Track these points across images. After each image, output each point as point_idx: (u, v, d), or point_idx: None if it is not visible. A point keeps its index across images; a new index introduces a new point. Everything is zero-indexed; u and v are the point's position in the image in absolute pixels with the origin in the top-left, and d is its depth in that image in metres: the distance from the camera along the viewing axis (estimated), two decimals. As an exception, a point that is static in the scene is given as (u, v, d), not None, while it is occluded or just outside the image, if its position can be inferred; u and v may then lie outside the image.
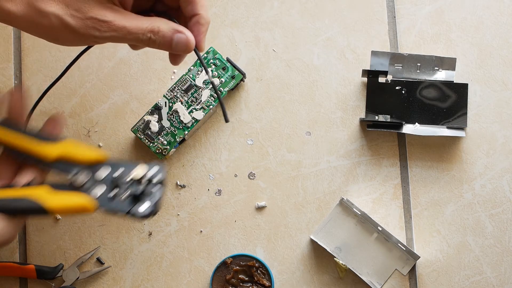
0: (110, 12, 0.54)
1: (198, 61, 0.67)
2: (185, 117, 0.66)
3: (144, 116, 0.67)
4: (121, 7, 0.55)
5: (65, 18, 0.53)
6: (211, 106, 0.67)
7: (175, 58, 0.59)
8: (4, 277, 0.67)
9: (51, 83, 0.63)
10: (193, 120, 0.66)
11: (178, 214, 0.67)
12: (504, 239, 0.66)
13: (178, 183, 0.68)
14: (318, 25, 0.70)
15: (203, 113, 0.67)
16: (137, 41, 0.55)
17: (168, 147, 0.66)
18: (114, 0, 0.54)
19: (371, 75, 0.68)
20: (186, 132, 0.66)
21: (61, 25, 0.53)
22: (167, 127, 0.66)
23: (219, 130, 0.69)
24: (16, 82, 0.70)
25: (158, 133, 0.66)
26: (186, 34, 0.55)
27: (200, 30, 0.57)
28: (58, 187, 0.55)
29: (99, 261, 0.67)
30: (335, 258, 0.65)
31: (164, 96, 0.67)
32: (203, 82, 0.67)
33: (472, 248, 0.66)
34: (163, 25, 0.55)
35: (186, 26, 0.56)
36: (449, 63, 0.67)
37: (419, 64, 0.68)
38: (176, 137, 0.66)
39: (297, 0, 0.71)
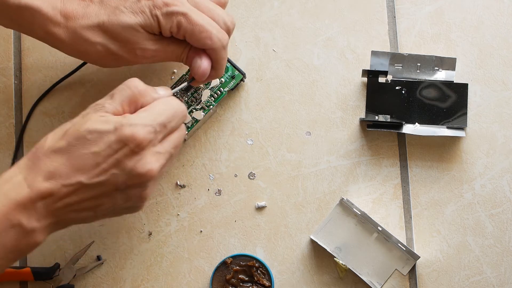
0: (152, 43, 0.58)
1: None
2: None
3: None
4: (159, 35, 0.58)
5: (110, 48, 0.57)
6: (211, 106, 0.67)
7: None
8: (3, 282, 0.67)
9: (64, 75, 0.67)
10: (193, 120, 0.66)
11: (178, 214, 0.67)
12: (504, 239, 0.66)
13: (178, 183, 0.68)
14: (318, 25, 0.70)
15: (203, 113, 0.67)
16: (176, 60, 0.60)
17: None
18: (154, 30, 0.57)
19: (371, 75, 0.68)
20: (186, 132, 0.66)
21: (107, 53, 0.57)
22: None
23: (219, 130, 0.69)
24: (16, 82, 0.70)
25: (158, 133, 0.66)
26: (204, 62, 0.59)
27: (215, 63, 0.60)
28: None
29: (99, 258, 0.67)
30: (335, 258, 0.65)
31: (164, 96, 0.67)
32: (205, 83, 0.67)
33: (472, 248, 0.66)
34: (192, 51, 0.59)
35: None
36: (449, 63, 0.67)
37: (419, 64, 0.68)
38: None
39: (297, 0, 0.71)
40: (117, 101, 0.52)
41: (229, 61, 0.67)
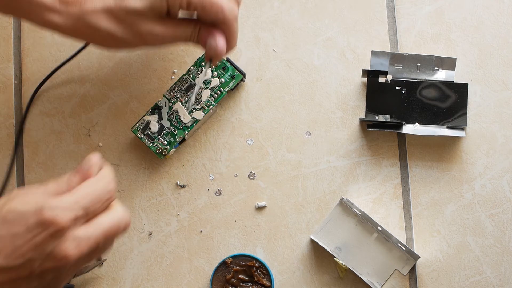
0: (160, 25, 0.57)
1: (198, 61, 0.68)
2: (185, 117, 0.66)
3: (144, 116, 0.67)
4: (168, 15, 0.57)
5: (116, 32, 0.55)
6: (211, 106, 0.67)
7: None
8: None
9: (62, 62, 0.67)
10: (193, 120, 0.66)
11: (178, 214, 0.67)
12: (504, 239, 0.66)
13: (178, 183, 0.68)
14: (318, 25, 0.70)
15: (203, 113, 0.67)
16: (185, 41, 0.59)
17: (168, 147, 0.66)
18: (162, 11, 0.56)
19: (371, 75, 0.68)
20: (186, 132, 0.66)
21: (112, 38, 0.56)
22: (167, 127, 0.66)
23: (219, 130, 0.69)
24: (16, 82, 0.70)
25: (158, 133, 0.66)
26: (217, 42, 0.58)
27: (228, 32, 0.59)
28: None
29: (98, 258, 0.67)
30: (335, 258, 0.65)
31: (164, 96, 0.67)
32: (203, 82, 0.67)
33: (472, 248, 0.66)
34: (200, 31, 0.58)
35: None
36: (449, 63, 0.67)
37: (419, 64, 0.68)
38: (176, 137, 0.66)
39: (297, 0, 0.71)
40: (50, 190, 0.49)
41: (229, 61, 0.67)
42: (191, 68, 0.67)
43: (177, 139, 0.66)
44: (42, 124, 0.69)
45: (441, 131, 0.66)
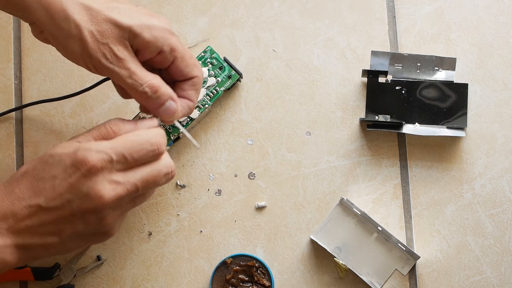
0: (126, 52, 0.55)
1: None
2: None
3: (139, 113, 0.67)
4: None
5: (84, 31, 0.54)
6: (206, 105, 0.67)
7: (126, 94, 0.59)
8: (3, 282, 0.67)
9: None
10: (188, 119, 0.66)
11: (178, 214, 0.67)
12: (504, 239, 0.66)
13: (178, 183, 0.68)
14: (318, 25, 0.70)
15: (198, 112, 0.67)
16: (133, 88, 0.56)
17: (166, 146, 0.66)
18: (132, 45, 0.55)
19: (371, 75, 0.68)
20: (181, 130, 0.66)
21: (76, 36, 0.54)
22: (162, 125, 0.66)
23: (219, 130, 0.69)
24: (16, 82, 0.70)
25: (156, 132, 0.66)
26: (177, 105, 0.57)
27: (194, 95, 0.59)
28: None
29: (99, 258, 0.67)
30: (335, 258, 0.65)
31: (163, 96, 0.67)
32: (203, 82, 0.67)
33: (472, 248, 0.66)
34: (163, 87, 0.56)
35: (172, 86, 0.58)
36: (449, 63, 0.67)
37: (419, 64, 0.68)
38: (171, 135, 0.66)
39: (297, 0, 0.71)
40: (90, 135, 0.53)
41: (226, 60, 0.67)
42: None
43: (172, 137, 0.66)
44: (42, 124, 0.69)
45: (441, 131, 0.66)
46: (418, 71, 0.68)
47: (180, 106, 0.57)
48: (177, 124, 0.60)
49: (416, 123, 0.67)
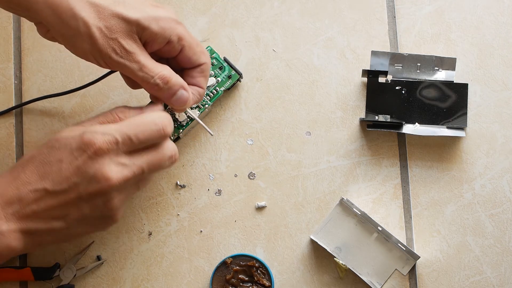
0: (135, 45, 0.55)
1: None
2: (180, 115, 0.66)
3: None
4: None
5: (92, 28, 0.54)
6: (206, 105, 0.67)
7: (134, 85, 0.60)
8: (3, 282, 0.67)
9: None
10: (188, 119, 0.66)
11: (178, 214, 0.67)
12: (504, 239, 0.66)
13: (178, 183, 0.68)
14: (318, 25, 0.70)
15: (198, 112, 0.67)
16: (145, 81, 0.56)
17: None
18: (140, 38, 0.55)
19: (371, 75, 0.68)
20: (181, 130, 0.66)
21: (85, 33, 0.54)
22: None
23: (219, 130, 0.69)
24: (16, 82, 0.70)
25: (156, 132, 0.66)
26: (189, 93, 0.58)
27: (203, 82, 0.60)
28: None
29: (99, 258, 0.67)
30: (335, 258, 0.65)
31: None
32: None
33: (472, 248, 0.66)
34: (174, 77, 0.57)
35: (181, 74, 0.59)
36: (449, 63, 0.67)
37: (419, 64, 0.68)
38: (171, 135, 0.66)
39: (297, 0, 0.71)
40: (96, 121, 0.53)
41: (226, 60, 0.67)
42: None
43: (172, 137, 0.66)
44: (42, 124, 0.69)
45: (441, 131, 0.66)
46: (418, 71, 0.68)
47: (191, 93, 0.58)
48: (190, 112, 0.61)
49: (416, 123, 0.67)
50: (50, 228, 0.52)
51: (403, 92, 0.67)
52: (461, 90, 0.67)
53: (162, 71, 0.56)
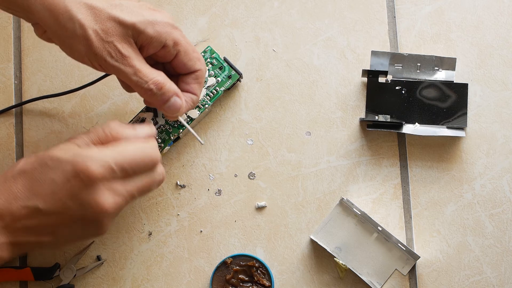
0: (130, 49, 0.55)
1: None
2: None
3: (139, 113, 0.67)
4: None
5: (88, 30, 0.54)
6: (206, 105, 0.67)
7: (130, 89, 0.60)
8: (3, 282, 0.67)
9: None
10: (188, 119, 0.66)
11: (178, 214, 0.67)
12: (504, 239, 0.66)
13: (178, 183, 0.68)
14: (318, 25, 0.70)
15: (198, 112, 0.67)
16: (138, 86, 0.56)
17: (162, 144, 0.66)
18: (136, 42, 0.55)
19: (371, 75, 0.68)
20: (181, 130, 0.66)
21: (81, 35, 0.54)
22: (162, 125, 0.66)
23: (219, 130, 0.69)
24: (16, 82, 0.70)
25: (154, 130, 0.66)
26: (182, 101, 0.58)
27: (197, 89, 0.60)
28: None
29: (99, 258, 0.67)
30: (335, 258, 0.65)
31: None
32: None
33: (472, 248, 0.66)
34: (168, 84, 0.57)
35: (176, 80, 0.59)
36: (449, 63, 0.67)
37: (419, 64, 0.68)
38: (171, 135, 0.66)
39: (297, 0, 0.71)
40: (88, 139, 0.53)
41: (226, 60, 0.67)
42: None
43: (172, 137, 0.66)
44: (42, 124, 0.69)
45: (441, 131, 0.66)
46: (418, 71, 0.68)
47: (184, 101, 0.58)
48: (181, 121, 0.61)
49: (416, 123, 0.67)
50: (39, 241, 0.52)
51: (403, 92, 0.67)
52: (461, 90, 0.67)
53: (157, 77, 0.56)
